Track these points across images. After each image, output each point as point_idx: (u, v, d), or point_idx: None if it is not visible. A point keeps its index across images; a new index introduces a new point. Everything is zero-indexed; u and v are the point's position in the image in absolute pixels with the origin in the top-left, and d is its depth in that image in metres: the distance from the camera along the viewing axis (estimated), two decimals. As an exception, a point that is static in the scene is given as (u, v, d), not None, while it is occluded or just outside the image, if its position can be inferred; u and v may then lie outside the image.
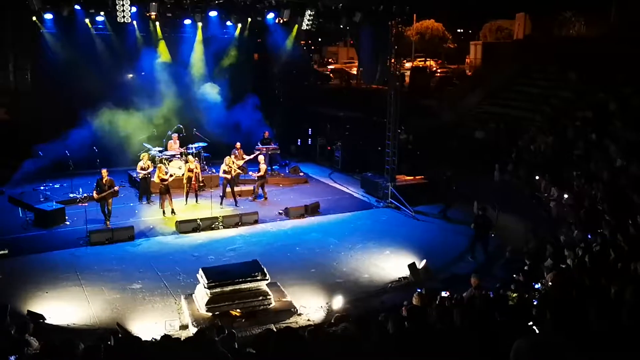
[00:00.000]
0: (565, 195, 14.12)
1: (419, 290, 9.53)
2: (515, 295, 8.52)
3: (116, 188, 15.38)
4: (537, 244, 12.67)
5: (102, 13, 18.38)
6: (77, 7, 17.36)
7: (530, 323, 6.21)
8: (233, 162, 17.77)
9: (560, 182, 15.00)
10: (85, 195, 16.91)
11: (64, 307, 10.92)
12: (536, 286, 9.49)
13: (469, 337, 5.77)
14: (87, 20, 19.05)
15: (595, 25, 28.14)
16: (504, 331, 5.64)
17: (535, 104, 21.26)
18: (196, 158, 18.63)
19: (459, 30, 55.56)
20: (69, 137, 17.98)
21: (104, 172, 15.39)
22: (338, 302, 11.21)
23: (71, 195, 17.36)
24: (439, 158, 19.29)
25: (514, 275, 10.93)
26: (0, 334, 7.78)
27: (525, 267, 11.16)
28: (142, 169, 17.13)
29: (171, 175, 16.81)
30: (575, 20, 30.40)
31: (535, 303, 7.54)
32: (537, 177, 15.97)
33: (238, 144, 19.50)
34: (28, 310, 10.41)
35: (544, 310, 6.16)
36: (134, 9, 17.11)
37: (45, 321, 10.21)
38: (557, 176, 15.40)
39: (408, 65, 38.59)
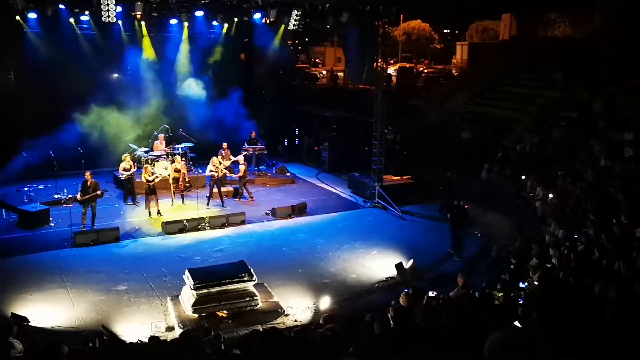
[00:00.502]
0: (551, 195, 14.22)
1: (406, 290, 9.54)
2: (501, 294, 8.56)
3: (99, 192, 15.20)
4: (523, 243, 12.75)
5: (86, 12, 18.21)
6: (61, 6, 17.15)
7: (516, 322, 6.23)
8: (220, 163, 17.71)
9: (546, 181, 15.09)
10: (70, 196, 16.76)
11: (48, 309, 10.82)
12: (522, 285, 9.54)
13: (455, 336, 5.78)
14: (71, 20, 18.88)
15: (580, 26, 28.41)
16: (490, 330, 5.65)
17: (521, 104, 21.36)
18: (183, 159, 18.54)
19: (445, 31, 55.91)
20: (54, 137, 17.79)
21: (88, 174, 15.18)
22: (325, 302, 11.22)
23: (55, 196, 17.20)
24: (426, 158, 19.34)
25: (502, 275, 10.98)
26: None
27: (511, 266, 11.21)
28: (124, 169, 16.99)
29: (157, 177, 16.67)
30: (560, 21, 30.70)
31: (521, 302, 7.59)
32: (523, 177, 16.07)
33: (225, 144, 19.37)
34: (12, 313, 10.32)
35: (529, 309, 6.19)
36: (119, 9, 16.93)
37: (30, 323, 10.11)
38: (542, 176, 15.50)
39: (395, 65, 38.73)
